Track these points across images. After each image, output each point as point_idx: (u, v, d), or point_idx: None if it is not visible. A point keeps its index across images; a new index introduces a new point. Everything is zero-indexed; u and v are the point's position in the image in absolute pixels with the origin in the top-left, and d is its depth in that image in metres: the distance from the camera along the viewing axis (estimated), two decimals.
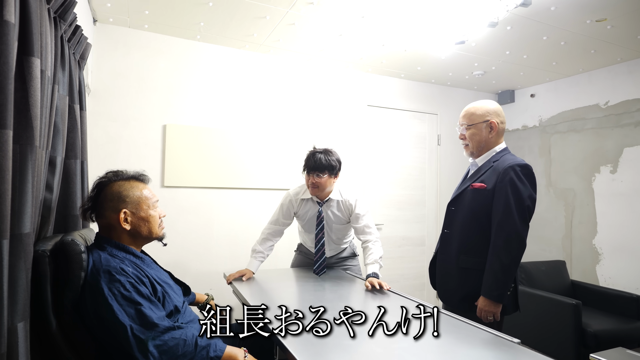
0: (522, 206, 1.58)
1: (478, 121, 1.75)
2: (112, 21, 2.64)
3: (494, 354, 1.20)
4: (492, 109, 1.75)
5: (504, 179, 1.61)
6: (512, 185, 1.59)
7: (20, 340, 0.99)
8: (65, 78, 1.49)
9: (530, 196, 1.61)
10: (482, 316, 1.61)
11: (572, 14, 2.42)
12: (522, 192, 1.59)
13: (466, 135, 1.78)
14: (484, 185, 1.69)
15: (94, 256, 1.23)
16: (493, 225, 1.63)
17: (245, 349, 1.27)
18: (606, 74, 3.38)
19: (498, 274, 1.58)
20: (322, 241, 2.21)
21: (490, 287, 1.59)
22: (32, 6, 1.06)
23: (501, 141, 1.77)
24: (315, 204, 2.19)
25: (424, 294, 3.74)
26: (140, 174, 1.40)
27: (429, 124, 3.94)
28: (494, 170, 1.68)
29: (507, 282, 1.58)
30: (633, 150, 3.19)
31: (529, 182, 1.62)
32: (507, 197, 1.59)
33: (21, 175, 1.03)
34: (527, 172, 1.63)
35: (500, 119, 1.74)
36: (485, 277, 1.61)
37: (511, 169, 1.61)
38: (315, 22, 2.59)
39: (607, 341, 2.46)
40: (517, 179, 1.60)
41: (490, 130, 1.73)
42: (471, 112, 1.78)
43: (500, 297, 1.57)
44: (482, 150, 1.77)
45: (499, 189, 1.63)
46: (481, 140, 1.75)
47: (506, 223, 1.58)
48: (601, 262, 3.35)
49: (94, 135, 2.58)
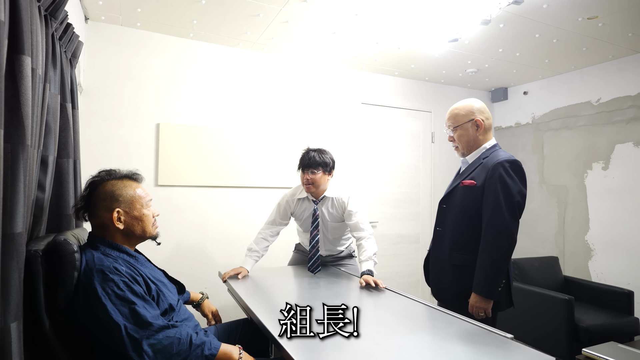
0: (511, 202, 1.59)
1: (463, 121, 1.76)
2: (104, 19, 2.62)
3: (488, 349, 1.21)
4: (476, 107, 1.76)
5: (493, 176, 1.62)
6: (502, 182, 1.60)
7: (13, 341, 0.99)
8: (56, 76, 1.48)
9: (519, 192, 1.62)
10: (474, 312, 1.62)
11: (564, 12, 2.43)
12: (511, 188, 1.60)
13: (454, 137, 1.80)
14: (474, 183, 1.70)
15: (87, 256, 1.22)
16: (483, 222, 1.64)
17: (240, 347, 1.27)
18: (598, 71, 3.41)
19: (488, 270, 1.59)
20: (317, 238, 2.22)
21: (480, 283, 1.60)
22: (22, 4, 1.05)
23: (490, 137, 1.78)
24: (311, 202, 2.24)
25: (419, 291, 3.76)
26: (133, 173, 1.40)
27: (423, 121, 3.95)
28: (483, 167, 1.69)
29: (498, 278, 1.59)
30: (624, 147, 3.22)
31: (519, 178, 1.63)
32: (496, 193, 1.60)
33: (13, 175, 1.02)
34: (516, 168, 1.63)
35: (484, 115, 1.75)
36: (476, 274, 1.62)
37: (500, 165, 1.62)
38: (309, 20, 2.59)
39: (599, 336, 2.49)
40: (506, 175, 1.61)
41: (477, 128, 1.75)
42: (455, 113, 1.79)
43: (490, 293, 1.58)
44: (472, 149, 1.78)
45: (488, 186, 1.63)
46: (469, 140, 1.77)
47: (495, 219, 1.59)
48: (593, 258, 3.39)
49: (87, 134, 2.56)
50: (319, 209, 2.22)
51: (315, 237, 2.22)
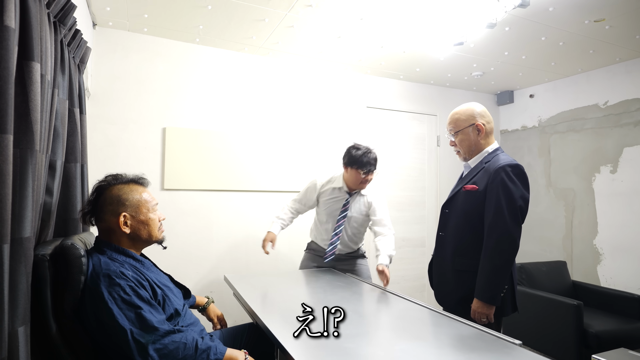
0: (513, 207, 1.57)
1: (464, 126, 1.76)
2: (111, 25, 2.65)
3: (495, 355, 1.20)
4: (477, 111, 1.75)
5: (495, 180, 1.61)
6: (503, 186, 1.59)
7: (20, 345, 0.99)
8: (65, 82, 1.50)
9: (522, 196, 1.60)
10: (476, 318, 1.61)
11: (570, 15, 2.42)
12: (513, 192, 1.58)
13: (456, 142, 1.79)
14: (475, 187, 1.68)
15: (94, 260, 1.23)
16: (485, 226, 1.62)
17: (246, 352, 1.27)
18: (605, 74, 3.38)
19: (490, 275, 1.57)
20: (342, 227, 2.34)
21: (482, 288, 1.58)
22: (32, 11, 1.06)
23: (492, 141, 1.77)
24: (345, 193, 2.35)
25: (424, 295, 3.73)
26: (139, 177, 1.40)
27: (428, 125, 3.94)
28: (485, 172, 1.68)
29: (500, 283, 1.57)
30: (633, 150, 3.19)
31: (521, 182, 1.61)
32: (498, 198, 1.58)
33: (21, 180, 1.03)
34: (518, 172, 1.62)
35: (485, 119, 1.74)
36: (478, 279, 1.61)
37: (502, 169, 1.61)
38: (314, 25, 2.60)
39: (609, 342, 2.45)
40: (507, 179, 1.59)
41: (477, 132, 1.74)
42: (456, 117, 1.79)
43: (492, 299, 1.57)
44: (473, 153, 1.78)
45: (490, 190, 1.62)
46: (470, 145, 1.76)
47: (497, 224, 1.57)
48: (602, 262, 3.35)
49: (93, 138, 2.58)
50: (351, 201, 2.35)
51: (341, 226, 2.34)
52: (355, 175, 2.26)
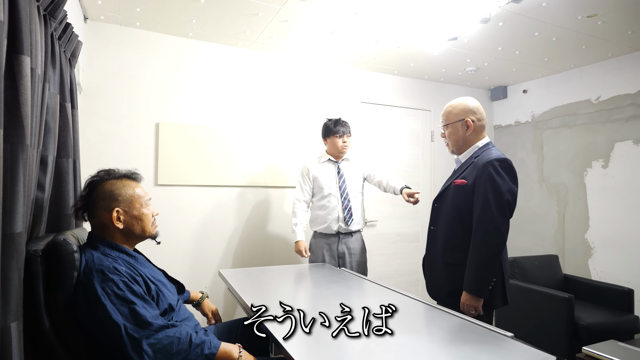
0: (501, 201, 1.59)
1: (454, 120, 1.77)
2: (103, 19, 2.62)
3: (488, 348, 1.21)
4: (469, 107, 1.76)
5: (483, 175, 1.62)
6: (491, 180, 1.60)
7: (13, 340, 0.99)
8: (55, 76, 1.48)
9: (509, 190, 1.61)
10: (465, 310, 1.64)
11: (563, 10, 2.43)
12: (500, 186, 1.59)
13: (445, 134, 1.80)
14: (465, 182, 1.70)
15: (87, 255, 1.22)
16: (473, 220, 1.64)
17: (240, 345, 1.27)
18: (597, 69, 3.40)
19: (478, 268, 1.60)
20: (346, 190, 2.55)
21: (470, 281, 1.61)
22: (21, 4, 1.05)
23: (483, 136, 1.78)
24: (333, 163, 2.62)
25: (418, 290, 3.76)
26: (132, 173, 1.40)
27: (422, 120, 3.95)
28: (474, 166, 1.69)
29: (488, 276, 1.60)
30: (624, 145, 3.22)
31: (509, 176, 1.62)
32: (485, 192, 1.60)
33: (12, 175, 1.02)
34: (506, 166, 1.63)
35: (476, 116, 1.75)
36: (466, 272, 1.63)
37: (490, 164, 1.62)
38: (308, 19, 2.58)
39: (599, 334, 2.49)
40: (495, 173, 1.60)
41: (466, 128, 1.75)
42: (448, 111, 1.80)
43: (480, 291, 1.59)
44: (462, 148, 1.79)
45: (478, 185, 1.64)
46: (458, 139, 1.78)
47: (485, 218, 1.59)
48: (593, 256, 3.39)
49: (86, 134, 2.56)
50: (341, 168, 2.60)
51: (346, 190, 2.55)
52: (334, 142, 2.56)
